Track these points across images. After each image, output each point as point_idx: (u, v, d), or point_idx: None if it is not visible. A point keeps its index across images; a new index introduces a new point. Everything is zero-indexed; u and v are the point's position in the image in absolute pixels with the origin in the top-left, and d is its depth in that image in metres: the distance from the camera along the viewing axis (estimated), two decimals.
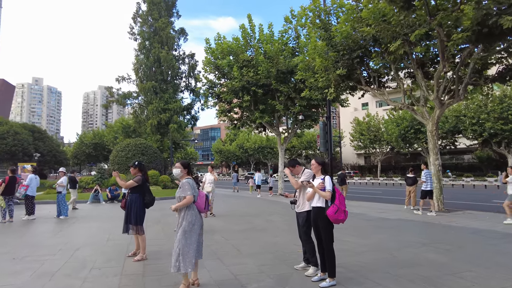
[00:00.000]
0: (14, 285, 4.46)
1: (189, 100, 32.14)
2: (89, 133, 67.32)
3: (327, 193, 4.31)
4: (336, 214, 4.19)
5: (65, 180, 11.00)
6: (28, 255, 6.07)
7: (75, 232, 8.63)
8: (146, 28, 29.53)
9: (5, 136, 25.64)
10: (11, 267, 5.31)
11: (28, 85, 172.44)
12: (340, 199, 4.30)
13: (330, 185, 4.35)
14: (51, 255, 6.02)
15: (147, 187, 6.05)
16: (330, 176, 4.54)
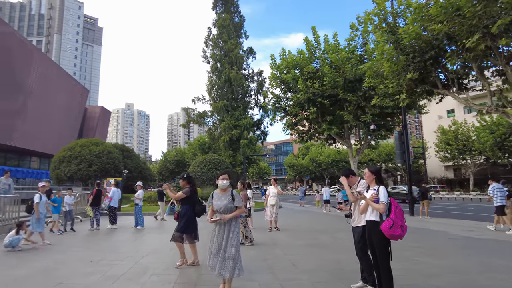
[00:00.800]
0: (83, 284, 4.95)
1: (258, 116, 32.68)
2: (172, 151, 73.24)
3: (381, 205, 3.90)
4: (392, 229, 3.75)
5: (141, 193, 12.04)
6: (103, 259, 6.70)
7: (146, 241, 9.30)
8: (217, 50, 31.42)
9: (101, 155, 29.16)
10: (86, 268, 5.92)
11: (121, 110, 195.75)
12: (397, 212, 3.86)
13: (384, 197, 3.93)
14: (120, 260, 6.55)
15: (196, 198, 6.30)
16: (385, 187, 4.11)
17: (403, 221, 3.87)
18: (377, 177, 4.20)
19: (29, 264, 6.28)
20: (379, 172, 4.27)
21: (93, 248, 8.03)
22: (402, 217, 3.88)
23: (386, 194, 3.96)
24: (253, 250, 7.69)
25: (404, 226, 3.85)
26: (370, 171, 4.25)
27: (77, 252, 7.53)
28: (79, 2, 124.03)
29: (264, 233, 10.37)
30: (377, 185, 4.12)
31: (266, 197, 11.49)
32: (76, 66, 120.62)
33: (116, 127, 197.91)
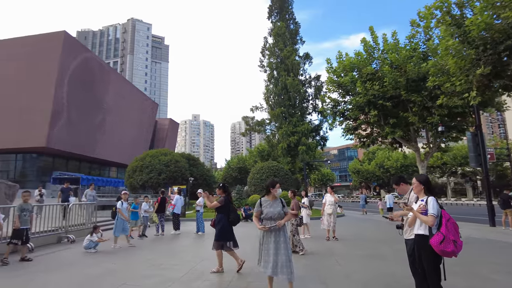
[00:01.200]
0: (142, 286, 5.35)
1: (317, 122, 32.15)
2: (235, 159, 75.41)
3: (430, 218, 3.56)
4: (442, 244, 3.41)
5: (202, 200, 12.60)
6: (163, 263, 7.15)
7: (205, 247, 9.68)
8: (273, 59, 31.79)
9: (169, 164, 31.16)
10: (147, 271, 6.38)
11: (189, 121, 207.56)
12: (449, 225, 3.50)
13: (433, 208, 3.59)
14: (179, 264, 6.92)
15: (231, 207, 6.45)
16: (435, 197, 3.74)
17: (457, 236, 3.49)
18: (426, 186, 3.85)
19: (101, 265, 6.97)
20: (428, 182, 3.90)
21: (156, 252, 8.62)
22: (455, 231, 3.50)
23: (436, 205, 3.62)
24: (307, 259, 7.56)
25: (459, 242, 3.47)
26: (418, 180, 3.91)
27: (142, 256, 8.15)
28: (148, 24, 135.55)
29: (321, 243, 10.13)
30: (426, 196, 3.78)
31: (323, 206, 11.22)
32: (147, 83, 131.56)
33: (184, 137, 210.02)
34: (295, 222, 8.75)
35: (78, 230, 10.60)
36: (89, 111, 45.58)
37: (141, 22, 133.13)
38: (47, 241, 9.50)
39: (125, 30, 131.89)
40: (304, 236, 11.28)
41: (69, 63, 40.76)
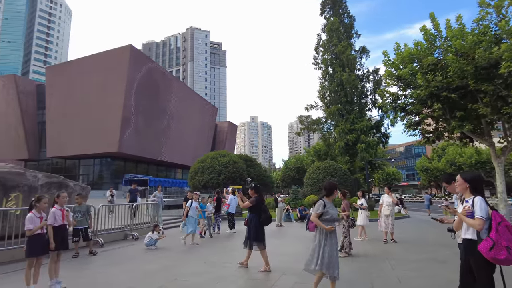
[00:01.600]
0: (192, 281, 5.62)
1: (378, 118, 30.60)
2: (292, 159, 75.07)
3: (477, 221, 3.16)
4: (493, 251, 2.98)
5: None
6: (216, 261, 7.43)
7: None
8: (327, 55, 31.02)
9: (227, 165, 32.15)
10: (199, 268, 6.68)
11: (247, 123, 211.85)
12: (500, 230, 3.05)
13: (481, 210, 3.17)
14: (231, 263, 7.09)
15: (263, 207, 6.63)
16: (483, 197, 3.29)
17: (511, 241, 3.01)
18: (472, 185, 3.40)
19: (158, 261, 7.47)
20: (475, 180, 3.43)
21: (211, 250, 8.97)
22: (509, 236, 3.04)
23: (484, 206, 3.20)
24: (360, 262, 7.28)
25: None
26: (462, 178, 3.46)
27: (196, 253, 8.55)
28: (205, 31, 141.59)
29: (377, 245, 9.65)
30: (473, 196, 3.34)
31: (380, 207, 10.67)
32: (207, 88, 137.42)
33: (243, 139, 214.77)
34: (346, 224, 8.45)
35: (142, 228, 11.48)
36: (154, 117, 49.07)
37: (199, 30, 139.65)
38: (115, 237, 10.45)
39: (185, 39, 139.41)
40: (361, 238, 10.86)
41: (136, 74, 44.33)
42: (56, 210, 5.59)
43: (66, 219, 5.70)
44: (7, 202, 7.76)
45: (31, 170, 8.86)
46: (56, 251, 5.44)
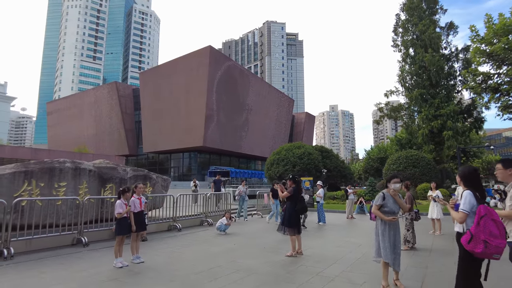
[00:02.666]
0: (245, 263, 6.19)
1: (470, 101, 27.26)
2: (375, 149, 71.26)
3: (459, 214, 3.27)
4: (471, 243, 3.10)
5: (322, 192, 12.87)
6: (275, 247, 7.92)
7: (318, 237, 10.00)
8: (407, 36, 28.61)
9: (302, 156, 32.33)
10: (257, 253, 7.24)
11: (327, 113, 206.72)
12: (482, 223, 3.06)
13: (465, 204, 3.23)
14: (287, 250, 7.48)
15: (299, 197, 7.04)
16: (474, 191, 3.31)
17: (492, 235, 3.01)
18: (464, 179, 3.44)
19: (224, 245, 8.25)
20: (467, 174, 3.44)
21: (273, 238, 9.46)
22: (491, 230, 3.03)
23: (469, 200, 3.24)
24: (420, 256, 7.02)
25: (493, 243, 3.00)
26: (458, 174, 3.54)
27: (260, 239, 9.12)
28: (281, 24, 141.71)
29: (448, 240, 8.97)
30: (465, 189, 3.40)
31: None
32: (284, 80, 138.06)
33: (323, 129, 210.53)
34: (409, 217, 8.09)
35: (216, 216, 12.58)
36: (234, 112, 51.62)
37: (275, 23, 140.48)
38: (193, 223, 11.69)
39: (262, 33, 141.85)
40: (431, 232, 10.20)
41: (215, 73, 47.13)
42: (135, 199, 6.67)
43: (143, 206, 6.75)
44: (104, 191, 9.38)
45: (122, 165, 10.48)
46: (136, 232, 6.54)
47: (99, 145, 60.91)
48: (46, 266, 5.98)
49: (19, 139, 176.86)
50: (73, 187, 8.70)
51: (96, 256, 6.95)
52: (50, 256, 6.82)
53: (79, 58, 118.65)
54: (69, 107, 66.57)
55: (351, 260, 6.59)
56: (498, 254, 3.04)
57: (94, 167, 9.39)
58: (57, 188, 8.35)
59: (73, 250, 7.46)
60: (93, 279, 5.19)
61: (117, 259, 6.07)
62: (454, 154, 29.53)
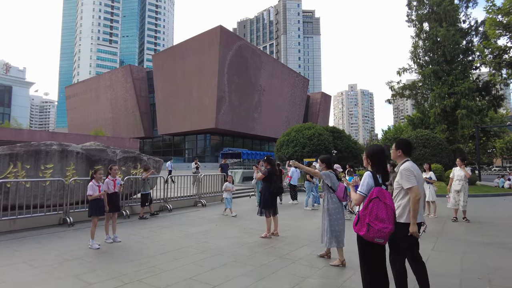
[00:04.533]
0: (216, 244, 6.20)
1: (487, 78, 25.84)
2: (392, 129, 69.57)
3: (355, 195, 3.23)
4: (357, 226, 3.05)
5: None
6: (254, 227, 7.92)
7: (304, 218, 9.90)
8: (422, 10, 27.11)
9: (312, 137, 31.95)
10: (234, 233, 7.27)
11: (345, 92, 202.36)
12: (370, 206, 2.97)
13: (362, 186, 3.17)
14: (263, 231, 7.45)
15: (273, 178, 7.02)
16: (373, 172, 3.23)
17: (377, 219, 2.93)
18: (369, 160, 3.34)
19: (206, 225, 8.30)
20: (371, 155, 3.33)
21: (258, 219, 9.35)
22: (377, 214, 2.94)
23: (367, 182, 3.16)
24: None
25: (375, 226, 2.91)
26: (365, 151, 3.50)
27: (245, 220, 9.12)
28: (297, 1, 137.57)
29: (441, 224, 8.69)
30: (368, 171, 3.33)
31: (450, 181, 9.43)
32: (300, 59, 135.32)
33: (341, 110, 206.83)
34: None
35: (210, 197, 12.67)
36: (246, 93, 51.25)
37: (291, 0, 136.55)
38: (187, 203, 11.82)
39: (277, 11, 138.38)
40: (429, 215, 9.88)
41: (227, 54, 46.60)
42: (109, 180, 6.74)
43: (117, 188, 6.82)
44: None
45: (112, 147, 10.61)
46: (111, 212, 6.64)
47: (115, 128, 62.26)
48: (22, 245, 6.19)
49: (44, 123, 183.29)
50: (60, 169, 8.89)
51: (76, 235, 7.14)
52: (33, 235, 7.05)
53: (96, 42, 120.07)
54: (86, 91, 67.96)
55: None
56: (380, 238, 2.92)
57: (82, 149, 9.53)
58: (43, 170, 8.55)
59: (58, 229, 7.69)
60: (58, 258, 5.32)
61: (92, 240, 6.18)
62: (472, 134, 28.34)
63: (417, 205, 3.25)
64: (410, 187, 3.31)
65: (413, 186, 3.30)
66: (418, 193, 3.28)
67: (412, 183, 3.31)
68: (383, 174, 3.23)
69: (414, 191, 3.29)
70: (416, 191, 3.28)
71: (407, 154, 3.57)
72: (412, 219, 3.25)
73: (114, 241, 6.54)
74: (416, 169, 3.44)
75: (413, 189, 3.30)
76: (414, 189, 3.29)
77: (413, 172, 3.37)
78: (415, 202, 3.25)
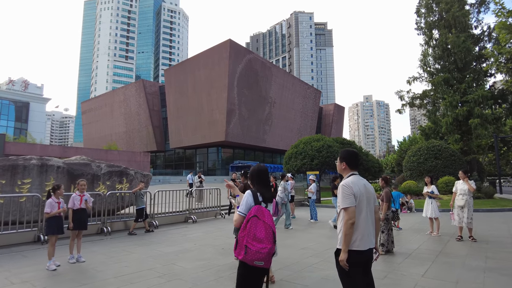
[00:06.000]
0: (177, 268, 5.66)
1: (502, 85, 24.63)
2: (407, 140, 67.75)
3: (235, 216, 2.90)
4: (236, 250, 2.73)
5: (314, 187, 12.02)
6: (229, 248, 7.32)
7: (294, 237, 9.24)
8: (431, 17, 26.34)
9: (321, 149, 31.22)
10: (207, 254, 6.71)
11: (360, 104, 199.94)
12: (249, 226, 2.68)
13: (242, 205, 2.88)
14: None
15: None
16: (254, 191, 2.94)
17: (255, 239, 2.63)
18: (250, 179, 3.12)
19: (183, 245, 7.80)
20: (252, 175, 3.11)
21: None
22: (255, 234, 2.65)
23: (246, 201, 2.87)
24: (390, 263, 6.11)
25: (253, 248, 2.60)
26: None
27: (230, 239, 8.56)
28: (309, 13, 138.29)
29: (442, 244, 7.87)
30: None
31: (453, 196, 8.62)
32: (313, 71, 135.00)
33: (356, 120, 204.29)
34: (385, 216, 7.10)
35: (203, 212, 12.17)
36: (256, 106, 51.05)
37: (303, 13, 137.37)
38: (176, 219, 11.35)
39: (289, 24, 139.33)
40: (431, 234, 9.05)
41: (236, 67, 46.72)
42: (75, 196, 6.39)
43: (84, 204, 6.43)
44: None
45: (98, 161, 10.34)
46: (76, 230, 6.25)
47: (129, 142, 63.06)
48: None
49: (63, 138, 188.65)
50: (39, 184, 8.64)
51: (43, 254, 6.75)
52: (2, 253, 6.74)
53: (112, 58, 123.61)
54: (100, 106, 69.45)
55: (303, 265, 5.88)
56: (260, 261, 2.62)
57: (64, 163, 9.29)
58: (20, 185, 8.32)
59: (30, 247, 7.37)
60: (5, 282, 4.93)
61: (50, 260, 5.78)
62: (491, 144, 26.99)
63: (349, 230, 2.72)
64: (345, 208, 2.77)
65: (348, 207, 2.75)
66: (351, 216, 2.74)
67: (347, 203, 2.76)
68: (266, 192, 2.96)
69: (348, 213, 2.75)
70: (351, 213, 2.74)
71: (352, 167, 3.01)
72: (343, 245, 2.73)
73: (77, 261, 6.13)
74: (360, 185, 2.87)
75: (348, 211, 2.76)
76: (349, 211, 2.75)
77: (352, 189, 2.81)
78: (347, 226, 2.72)
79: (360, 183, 2.88)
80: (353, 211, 2.74)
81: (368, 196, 2.88)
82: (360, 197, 2.82)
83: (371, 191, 2.95)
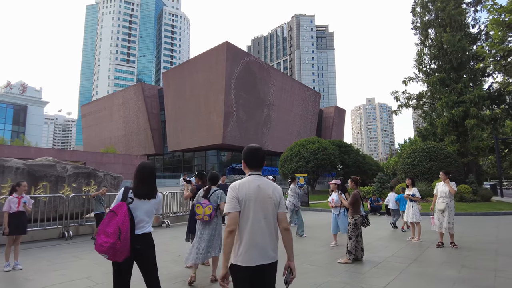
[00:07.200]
0: (108, 278, 5.15)
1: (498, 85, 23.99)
2: (408, 143, 66.96)
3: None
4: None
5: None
6: None
7: None
8: (427, 16, 25.80)
9: (317, 152, 30.64)
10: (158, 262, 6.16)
11: (363, 106, 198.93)
12: (105, 221, 2.82)
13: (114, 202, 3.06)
14: None
15: None
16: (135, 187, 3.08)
17: (105, 233, 2.75)
18: (134, 176, 3.14)
19: None
20: (135, 171, 3.14)
21: None
22: (105, 227, 2.77)
23: (118, 197, 3.03)
24: (354, 274, 5.57)
25: (98, 240, 2.75)
26: None
27: None
28: (310, 16, 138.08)
29: (421, 250, 7.30)
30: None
31: (434, 199, 8.05)
32: (314, 74, 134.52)
33: (359, 124, 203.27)
34: (352, 221, 6.52)
35: (175, 217, 11.67)
36: (255, 109, 50.60)
37: (304, 16, 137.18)
38: None
39: (291, 27, 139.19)
40: (412, 239, 8.48)
41: (234, 69, 46.37)
42: (12, 198, 5.91)
43: (22, 207, 5.96)
44: (35, 190, 8.81)
45: (64, 162, 9.90)
46: (13, 235, 5.78)
47: (128, 145, 62.83)
48: None
49: (66, 141, 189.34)
50: None
51: None
52: None
53: (114, 62, 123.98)
54: (100, 109, 69.41)
55: None
56: (103, 253, 2.71)
57: (25, 164, 8.85)
58: None
59: None
60: None
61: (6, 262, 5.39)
62: (492, 146, 26.30)
63: (226, 239, 2.23)
64: (227, 213, 2.27)
65: (229, 212, 2.26)
66: (230, 223, 2.27)
67: (227, 208, 2.28)
68: (138, 188, 3.01)
69: (228, 219, 2.29)
70: (230, 220, 2.27)
71: (252, 166, 2.51)
72: (223, 259, 2.23)
73: (13, 269, 5.66)
74: (250, 187, 2.37)
75: (228, 217, 2.30)
76: (229, 217, 2.29)
77: (236, 192, 2.31)
78: (225, 235, 2.23)
79: (253, 185, 2.37)
80: (234, 217, 2.26)
81: (263, 200, 2.35)
82: (248, 201, 2.31)
83: (269, 195, 2.41)
